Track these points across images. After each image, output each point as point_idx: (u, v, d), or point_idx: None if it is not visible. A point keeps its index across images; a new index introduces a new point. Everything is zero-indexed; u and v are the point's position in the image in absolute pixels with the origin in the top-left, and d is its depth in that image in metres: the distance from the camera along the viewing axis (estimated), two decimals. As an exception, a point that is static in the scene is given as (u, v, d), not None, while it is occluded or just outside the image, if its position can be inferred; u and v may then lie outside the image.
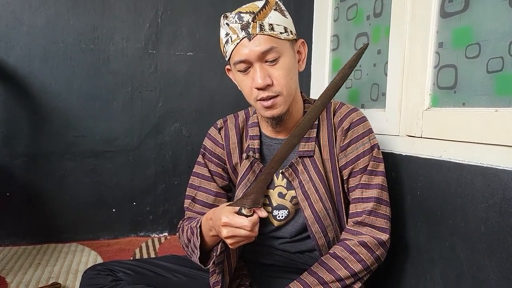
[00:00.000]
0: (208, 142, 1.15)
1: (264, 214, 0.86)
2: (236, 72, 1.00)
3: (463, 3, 1.04)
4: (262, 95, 0.96)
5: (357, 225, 1.01)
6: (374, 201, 1.00)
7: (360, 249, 0.97)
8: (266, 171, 0.86)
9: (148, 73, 1.92)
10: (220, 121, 1.16)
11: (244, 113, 1.17)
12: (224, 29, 0.98)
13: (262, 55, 0.93)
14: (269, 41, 0.93)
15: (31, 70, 1.78)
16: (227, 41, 0.97)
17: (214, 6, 1.97)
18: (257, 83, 0.94)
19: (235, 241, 0.85)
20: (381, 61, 1.39)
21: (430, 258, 1.07)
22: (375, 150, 1.04)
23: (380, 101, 1.40)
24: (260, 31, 0.93)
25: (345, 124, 1.04)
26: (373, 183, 1.02)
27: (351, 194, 1.04)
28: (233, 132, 1.13)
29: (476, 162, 0.93)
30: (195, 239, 0.99)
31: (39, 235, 1.85)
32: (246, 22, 0.93)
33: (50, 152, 1.83)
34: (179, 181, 2.00)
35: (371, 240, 0.98)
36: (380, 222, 1.00)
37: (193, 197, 1.13)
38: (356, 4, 1.56)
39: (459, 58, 1.06)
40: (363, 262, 0.96)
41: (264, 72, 0.94)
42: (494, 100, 0.96)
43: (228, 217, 0.84)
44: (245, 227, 0.82)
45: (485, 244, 0.90)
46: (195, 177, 1.14)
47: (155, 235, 2.00)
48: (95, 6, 1.83)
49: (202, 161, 1.15)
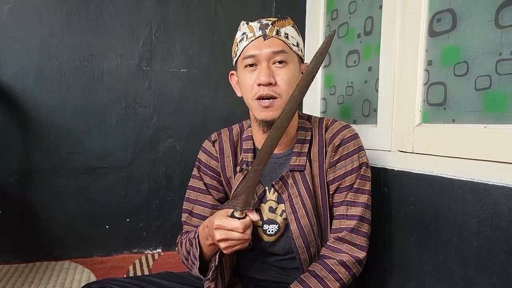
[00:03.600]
0: (203, 155, 1.16)
1: (256, 217, 0.87)
2: (242, 70, 1.03)
3: (451, 23, 1.08)
4: (262, 92, 0.98)
5: (337, 242, 1.02)
6: (357, 219, 1.02)
7: (339, 268, 0.99)
8: (253, 168, 0.87)
9: (142, 90, 1.94)
10: (214, 134, 1.17)
11: (238, 126, 1.18)
12: (242, 30, 1.04)
13: (273, 55, 0.98)
14: (282, 45, 1.00)
15: (25, 87, 1.78)
16: (242, 39, 1.02)
17: (207, 23, 1.99)
18: (261, 79, 0.97)
19: (228, 245, 0.87)
20: (372, 78, 1.42)
21: (423, 272, 1.08)
22: (363, 168, 1.06)
23: (372, 117, 1.42)
24: (276, 34, 1.00)
25: (336, 140, 1.06)
26: (358, 201, 1.04)
27: (335, 209, 1.06)
28: (227, 145, 1.14)
29: (467, 177, 0.95)
30: (194, 250, 0.99)
31: (31, 253, 1.83)
32: (265, 24, 1.01)
33: (43, 168, 1.82)
34: (172, 197, 2.00)
35: (349, 259, 1.00)
36: (360, 240, 1.02)
37: (190, 210, 1.13)
38: (347, 22, 1.60)
39: (448, 76, 1.08)
40: (341, 280, 0.99)
41: (270, 71, 0.99)
42: (482, 117, 0.98)
43: (221, 220, 0.85)
44: (237, 229, 0.84)
45: (477, 258, 0.91)
46: (191, 191, 1.15)
47: (149, 252, 1.99)
48: (89, 23, 1.84)
49: (198, 174, 1.15)
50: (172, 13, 1.95)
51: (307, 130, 1.09)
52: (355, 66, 1.53)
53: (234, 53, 1.07)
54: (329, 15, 1.73)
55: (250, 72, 1.01)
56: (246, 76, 1.02)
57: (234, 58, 1.07)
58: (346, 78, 1.59)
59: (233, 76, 1.12)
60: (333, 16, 1.69)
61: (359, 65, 1.51)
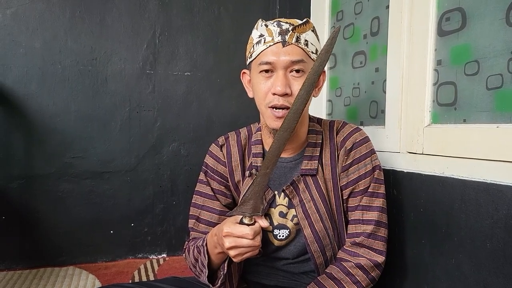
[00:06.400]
0: (210, 160, 1.13)
1: (265, 223, 0.85)
2: (256, 74, 0.99)
3: (460, 22, 1.06)
4: (277, 102, 0.95)
5: (354, 246, 1.00)
6: (374, 224, 1.01)
7: (356, 271, 0.97)
8: (261, 172, 0.85)
9: (146, 93, 1.93)
10: (222, 138, 1.14)
11: (246, 130, 1.15)
12: (259, 30, 0.99)
13: (291, 64, 0.95)
14: (301, 54, 0.96)
15: (28, 92, 1.77)
16: (259, 41, 0.98)
17: (211, 26, 1.99)
18: (277, 89, 0.94)
19: (238, 253, 0.85)
20: (380, 79, 1.40)
21: (435, 276, 1.06)
22: (377, 171, 1.04)
23: (379, 118, 1.40)
24: (296, 41, 0.95)
25: (348, 144, 1.04)
26: (373, 205, 1.02)
27: (351, 214, 1.04)
28: (235, 149, 1.11)
29: (480, 178, 0.94)
30: (202, 258, 0.97)
31: (35, 259, 1.82)
32: (285, 29, 0.96)
33: (47, 174, 1.81)
34: (177, 201, 1.99)
35: (367, 263, 0.98)
36: (378, 245, 1.01)
37: (197, 216, 1.10)
38: (352, 23, 1.58)
39: (458, 75, 1.07)
40: (359, 283, 0.97)
41: (287, 81, 0.95)
42: (495, 117, 0.96)
43: (230, 227, 0.84)
44: (246, 236, 0.82)
45: (491, 261, 0.89)
46: (198, 196, 1.12)
47: (154, 257, 1.97)
48: (93, 27, 1.84)
49: (204, 179, 1.13)
50: (176, 16, 1.94)
51: (318, 134, 1.07)
52: (362, 67, 1.52)
53: (249, 53, 1.03)
54: (334, 16, 1.72)
55: (265, 78, 0.97)
56: (260, 82, 0.98)
57: (249, 58, 1.02)
58: (352, 79, 1.58)
59: (245, 75, 1.09)
60: (338, 17, 1.68)
61: (365, 66, 1.50)
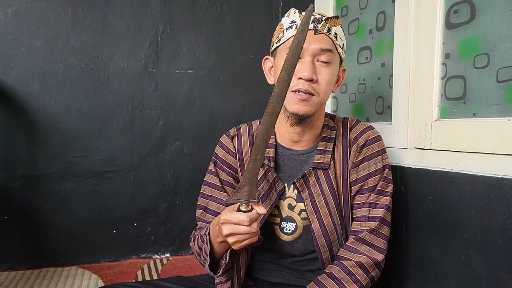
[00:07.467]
0: (220, 150, 1.12)
1: (262, 210, 0.85)
2: (282, 58, 0.96)
3: (469, 14, 1.04)
4: (301, 86, 0.96)
5: (356, 242, 1.01)
6: (378, 221, 1.01)
7: (357, 270, 0.98)
8: (252, 158, 0.84)
9: (149, 92, 1.91)
10: (233, 129, 1.14)
11: (258, 121, 1.15)
12: (291, 17, 1.02)
13: (320, 52, 0.97)
14: (330, 44, 0.98)
15: (30, 91, 1.76)
16: (290, 27, 1.00)
17: (214, 24, 1.97)
18: (304, 74, 0.95)
19: (236, 240, 0.85)
20: (386, 74, 1.38)
21: (444, 273, 1.04)
22: (386, 170, 1.05)
23: (386, 114, 1.39)
24: (327, 31, 0.98)
25: (360, 140, 1.05)
26: (380, 202, 1.03)
27: (356, 211, 1.05)
28: (246, 139, 1.11)
29: (490, 173, 0.92)
30: (205, 247, 0.98)
31: (38, 259, 1.80)
32: (318, 18, 0.99)
33: (49, 173, 1.80)
34: (180, 200, 1.97)
35: (367, 261, 0.98)
36: (380, 243, 1.01)
37: (205, 206, 1.10)
38: (357, 18, 1.56)
39: (467, 69, 1.05)
40: (359, 283, 0.97)
41: (314, 68, 0.97)
42: (506, 110, 0.94)
43: (227, 214, 0.84)
44: (242, 222, 0.82)
45: (503, 258, 0.88)
46: (206, 186, 1.12)
47: (157, 256, 1.96)
48: (95, 25, 1.82)
49: (214, 170, 1.12)
50: (178, 13, 1.92)
51: (332, 129, 1.08)
52: (367, 63, 1.50)
53: (276, 39, 1.04)
54: (338, 12, 1.70)
55: None
56: None
57: (276, 43, 1.03)
58: (357, 75, 1.56)
59: (267, 61, 1.10)
60: (343, 12, 1.66)
61: (371, 62, 1.48)
